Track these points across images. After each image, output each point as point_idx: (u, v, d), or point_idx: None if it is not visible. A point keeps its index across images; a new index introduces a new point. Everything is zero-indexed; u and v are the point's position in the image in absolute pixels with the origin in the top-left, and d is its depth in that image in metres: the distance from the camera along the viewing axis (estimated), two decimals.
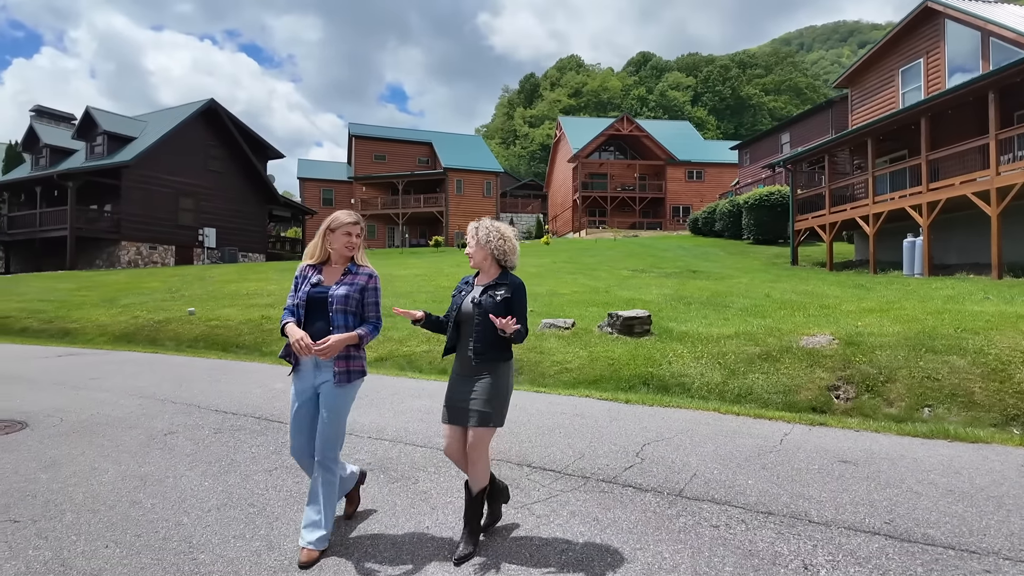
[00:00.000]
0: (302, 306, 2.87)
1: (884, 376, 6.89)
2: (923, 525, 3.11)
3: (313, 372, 2.89)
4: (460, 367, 2.94)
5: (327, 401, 2.85)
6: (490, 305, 2.85)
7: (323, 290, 2.88)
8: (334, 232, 2.95)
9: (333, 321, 2.84)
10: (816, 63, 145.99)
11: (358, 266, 3.00)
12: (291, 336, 2.77)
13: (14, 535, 3.03)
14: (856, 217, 17.39)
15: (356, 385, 2.95)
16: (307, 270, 2.97)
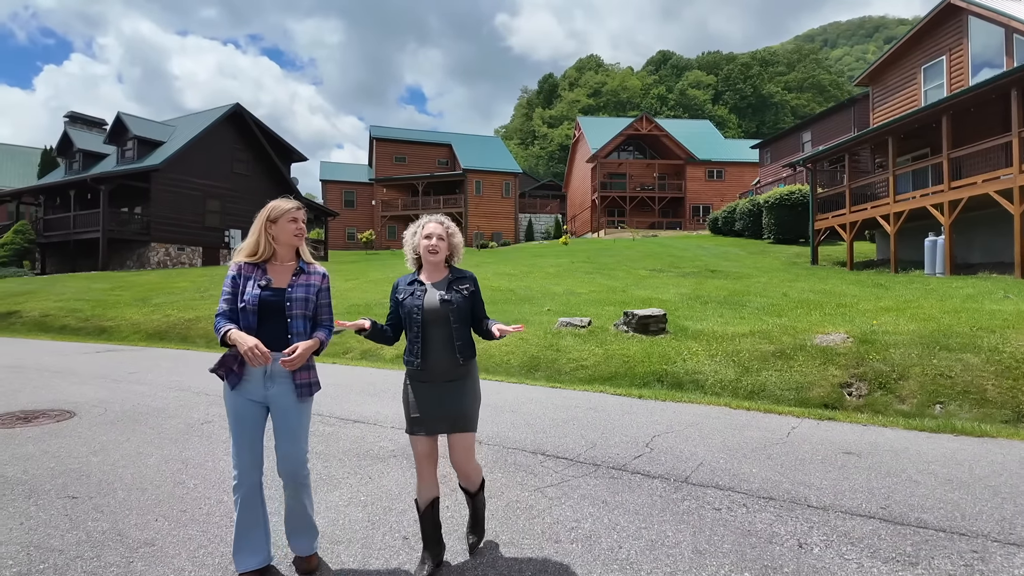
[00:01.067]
0: (253, 311, 2.49)
1: (897, 373, 6.97)
2: (917, 510, 3.27)
3: (262, 385, 2.53)
4: (431, 372, 2.67)
5: (289, 418, 2.55)
6: (461, 301, 2.70)
7: (276, 292, 2.55)
8: (276, 222, 2.62)
9: (292, 327, 2.55)
10: (840, 60, 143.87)
11: (308, 264, 2.71)
12: (242, 344, 2.38)
13: (73, 509, 3.34)
14: (877, 216, 17.27)
15: (313, 399, 2.70)
16: (248, 269, 2.58)
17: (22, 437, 4.72)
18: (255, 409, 2.55)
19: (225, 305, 2.55)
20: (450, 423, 2.67)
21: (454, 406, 2.67)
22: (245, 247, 2.64)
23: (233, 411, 2.54)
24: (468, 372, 2.72)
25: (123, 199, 28.27)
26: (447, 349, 2.66)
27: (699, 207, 46.44)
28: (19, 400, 6.01)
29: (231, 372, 2.52)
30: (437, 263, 2.77)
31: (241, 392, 2.53)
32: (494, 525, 3.12)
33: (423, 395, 2.68)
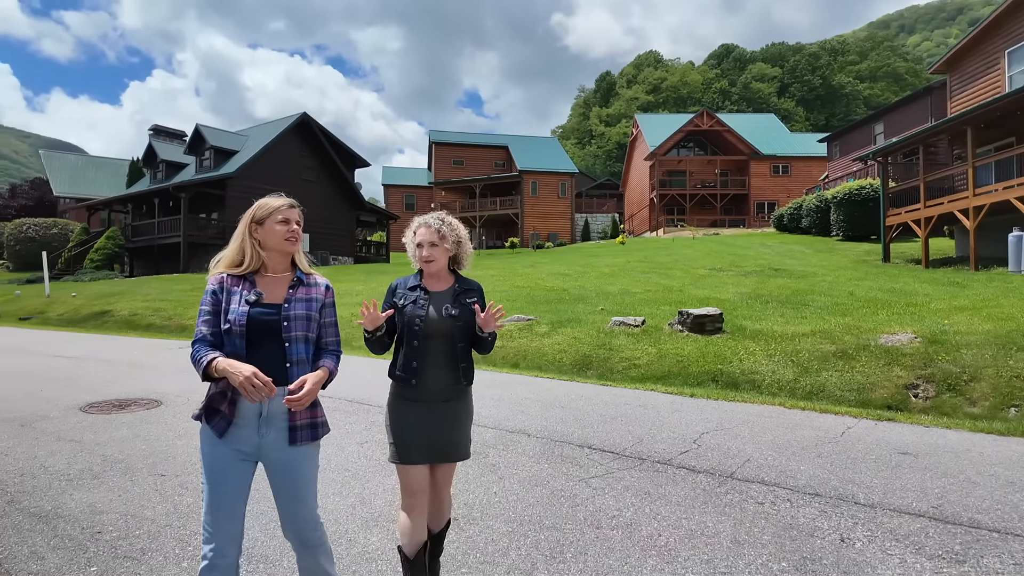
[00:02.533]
0: (240, 333, 1.95)
1: (968, 375, 6.68)
2: (971, 511, 3.20)
3: (255, 431, 1.97)
4: (426, 392, 2.32)
5: (293, 471, 2.01)
6: (468, 315, 2.37)
7: (270, 310, 2.01)
8: (262, 224, 2.08)
9: (291, 353, 2.00)
10: (919, 46, 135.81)
11: (308, 274, 2.17)
12: (234, 374, 1.83)
13: (162, 485, 3.73)
14: (955, 211, 16.32)
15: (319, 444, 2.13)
16: (231, 282, 2.04)
17: (117, 422, 5.24)
18: (242, 464, 1.98)
19: (204, 328, 1.99)
20: (443, 450, 2.34)
21: (449, 431, 2.35)
22: (226, 256, 2.11)
23: (212, 467, 1.96)
24: (466, 393, 2.43)
25: (201, 206, 30.06)
26: (448, 368, 2.34)
27: (764, 204, 44.96)
28: (113, 390, 6.63)
29: (217, 414, 1.95)
30: (436, 273, 2.43)
31: (227, 442, 1.95)
32: (538, 511, 3.28)
33: (416, 417, 2.32)
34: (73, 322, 15.63)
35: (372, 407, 5.77)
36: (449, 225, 2.44)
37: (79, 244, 31.68)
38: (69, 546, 2.92)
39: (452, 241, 2.42)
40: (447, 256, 2.43)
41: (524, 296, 13.90)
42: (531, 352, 9.41)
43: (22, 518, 3.24)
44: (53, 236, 35.49)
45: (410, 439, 2.31)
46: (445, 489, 2.46)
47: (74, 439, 4.69)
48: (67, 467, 4.05)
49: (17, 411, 5.60)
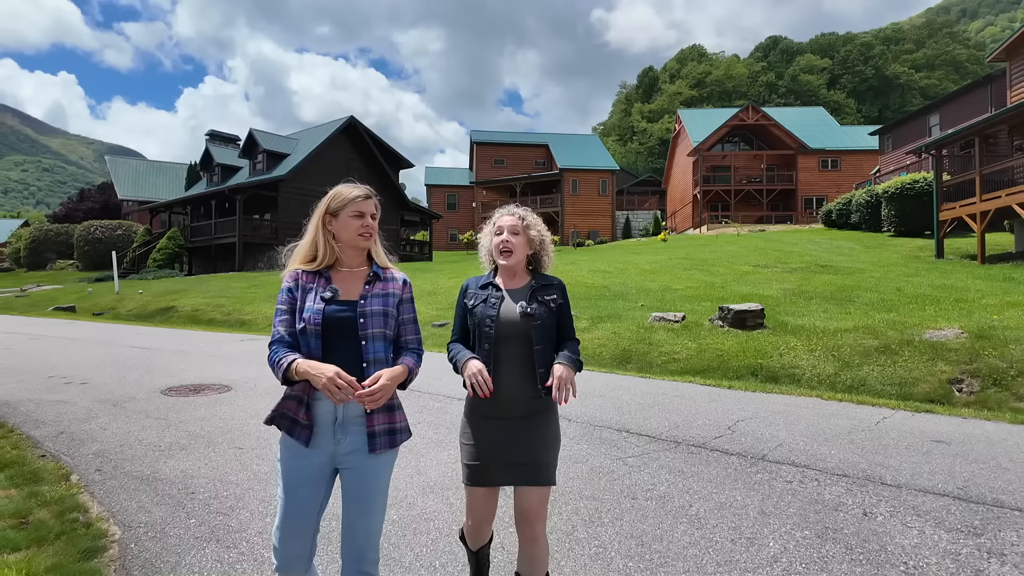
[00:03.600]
0: (315, 332, 1.85)
1: (1016, 370, 6.64)
2: (996, 492, 3.33)
3: (331, 436, 1.86)
4: (501, 405, 2.09)
5: (366, 480, 1.87)
6: (545, 315, 2.12)
7: (345, 307, 1.90)
8: (337, 216, 1.97)
9: (368, 352, 1.89)
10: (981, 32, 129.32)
11: (384, 268, 2.05)
12: (317, 376, 1.74)
13: (241, 456, 4.18)
14: (1013, 204, 15.74)
15: (397, 451, 1.98)
16: (305, 279, 1.95)
17: (196, 404, 5.78)
18: (321, 473, 1.86)
19: (282, 328, 1.89)
20: (520, 473, 2.07)
21: (527, 451, 2.07)
22: (300, 250, 2.01)
23: (290, 477, 1.85)
24: (548, 408, 2.13)
25: (255, 207, 31.36)
26: (524, 376, 2.08)
27: (812, 199, 43.83)
28: (188, 377, 7.23)
29: (295, 424, 1.85)
30: (513, 267, 2.20)
31: (304, 450, 1.84)
32: (577, 483, 3.57)
33: (488, 435, 2.09)
34: (141, 317, 16.70)
35: (423, 394, 6.15)
36: (534, 219, 2.25)
37: (142, 244, 33.48)
38: (169, 503, 3.38)
39: (535, 236, 2.21)
40: (526, 251, 2.20)
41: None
42: None
43: (127, 480, 3.73)
44: (118, 237, 37.57)
45: (483, 459, 2.07)
46: (537, 524, 2.05)
47: (160, 417, 5.24)
48: (158, 440, 4.56)
49: (109, 393, 6.21)
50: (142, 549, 2.85)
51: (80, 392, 6.26)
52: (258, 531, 3.01)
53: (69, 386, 6.58)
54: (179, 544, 2.89)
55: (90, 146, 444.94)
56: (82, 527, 3.01)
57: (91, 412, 5.40)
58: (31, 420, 5.11)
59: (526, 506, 2.07)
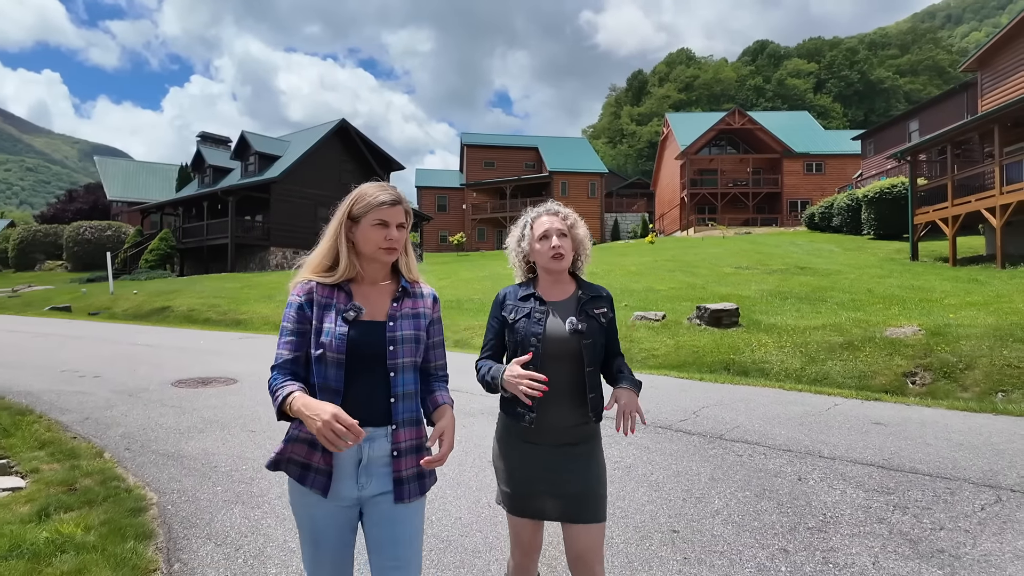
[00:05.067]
0: (337, 361, 1.56)
1: (964, 364, 7.21)
2: (915, 462, 3.87)
3: (355, 479, 1.59)
4: (544, 431, 1.87)
5: (396, 528, 1.62)
6: (596, 332, 1.90)
7: (371, 329, 1.61)
8: (357, 222, 1.64)
9: (397, 385, 1.61)
10: (966, 37, 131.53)
11: (413, 283, 1.75)
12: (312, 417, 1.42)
13: (254, 438, 4.64)
14: (982, 209, 16.45)
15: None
16: (324, 293, 1.63)
17: (205, 394, 6.22)
18: (348, 517, 1.62)
19: (286, 351, 1.59)
20: (571, 508, 1.84)
21: (578, 483, 1.85)
22: (314, 259, 1.68)
23: (312, 525, 1.61)
24: (595, 434, 1.93)
25: (247, 208, 31.65)
26: (573, 400, 1.87)
27: (796, 202, 44.69)
28: (193, 371, 7.65)
29: (308, 469, 1.58)
30: (557, 277, 1.97)
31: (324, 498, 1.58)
32: None
33: (531, 462, 1.87)
34: (137, 316, 17.03)
35: None
36: (574, 216, 2.00)
37: (134, 245, 33.66)
38: (195, 474, 3.84)
39: (582, 233, 2.00)
40: (573, 253, 1.97)
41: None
42: None
43: (155, 457, 4.18)
44: (107, 238, 37.67)
45: (524, 487, 1.87)
46: (596, 566, 1.85)
47: (175, 405, 5.68)
48: (176, 424, 5.01)
49: (122, 385, 6.64)
50: (178, 509, 3.31)
51: (96, 384, 6.68)
52: (277, 496, 3.48)
53: (83, 379, 6.99)
54: (210, 505, 3.36)
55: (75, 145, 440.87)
56: (124, 492, 3.47)
57: (110, 401, 5.84)
58: (56, 408, 5.54)
59: (582, 546, 1.83)
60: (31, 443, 4.32)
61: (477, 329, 11.13)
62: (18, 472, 3.83)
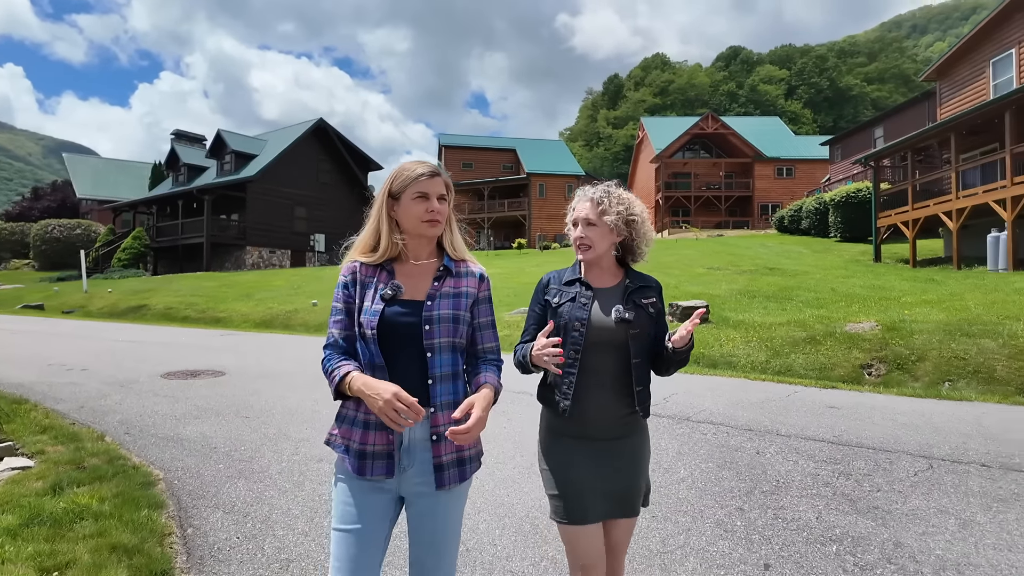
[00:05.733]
0: (372, 338, 1.56)
1: (916, 356, 7.71)
2: (861, 438, 4.26)
3: (395, 463, 1.57)
4: (586, 424, 1.78)
5: (434, 518, 1.59)
6: (645, 322, 1.81)
7: (408, 309, 1.59)
8: (398, 199, 1.65)
9: (435, 366, 1.58)
10: (931, 47, 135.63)
11: (459, 262, 1.72)
12: (374, 396, 1.45)
13: (249, 423, 4.86)
14: (939, 213, 17.25)
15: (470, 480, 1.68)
16: (368, 272, 1.65)
17: (196, 385, 6.39)
18: (388, 506, 1.59)
19: (336, 331, 1.62)
20: (617, 504, 1.78)
21: (626, 479, 1.78)
22: (360, 240, 1.70)
23: (347, 509, 1.56)
24: (641, 429, 1.85)
25: (223, 207, 31.42)
26: (618, 392, 1.78)
27: (767, 206, 45.80)
28: (181, 364, 7.79)
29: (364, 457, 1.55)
30: (597, 264, 1.88)
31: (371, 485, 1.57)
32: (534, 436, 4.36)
33: (578, 459, 1.77)
34: (113, 315, 16.91)
35: None
36: (616, 198, 1.84)
37: (106, 244, 33.15)
38: (196, 455, 4.06)
39: (618, 220, 1.82)
40: (611, 241, 1.85)
41: (530, 292, 14.98)
42: None
43: (155, 440, 4.39)
44: (77, 236, 36.99)
45: (580, 489, 1.74)
46: (622, 554, 1.86)
47: (168, 395, 5.85)
48: (171, 411, 5.20)
49: (112, 378, 6.77)
50: (185, 484, 3.54)
51: (85, 376, 6.80)
52: (277, 472, 3.73)
53: (71, 372, 7.10)
54: (214, 480, 3.59)
55: (39, 142, 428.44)
56: (131, 469, 3.69)
57: (102, 392, 5.98)
58: (50, 398, 5.67)
59: (617, 539, 1.81)
60: (32, 428, 4.48)
61: None
62: (24, 453, 4.01)
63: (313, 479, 3.61)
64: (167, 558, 2.65)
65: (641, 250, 1.89)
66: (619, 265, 1.92)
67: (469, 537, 2.85)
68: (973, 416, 4.94)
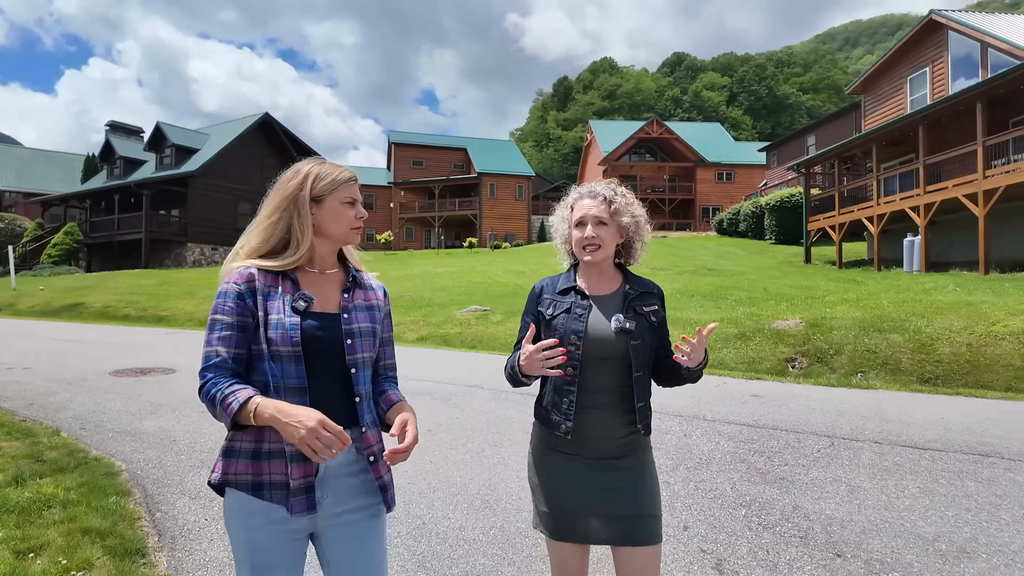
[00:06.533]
0: (293, 355, 1.36)
1: (834, 350, 8.41)
2: (776, 422, 4.78)
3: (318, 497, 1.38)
4: (586, 444, 1.68)
5: (365, 548, 1.45)
6: (646, 332, 1.71)
7: (320, 322, 1.42)
8: (321, 203, 1.49)
9: (359, 382, 1.45)
10: (861, 59, 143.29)
11: (360, 271, 1.60)
12: (294, 425, 1.23)
13: (206, 418, 4.95)
14: (863, 218, 18.53)
15: None
16: (266, 281, 1.42)
17: (147, 383, 6.41)
18: (301, 541, 1.42)
19: (223, 349, 1.35)
20: (624, 530, 1.64)
21: (631, 502, 1.66)
22: (252, 243, 1.49)
23: (261, 553, 1.36)
24: (644, 448, 1.76)
25: (162, 203, 30.37)
26: (617, 407, 1.69)
27: (709, 209, 47.61)
28: (128, 362, 7.72)
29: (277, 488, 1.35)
30: (598, 268, 1.77)
31: (274, 514, 1.35)
32: (485, 424, 4.68)
33: (572, 477, 1.68)
34: (46, 313, 16.23)
35: None
36: (624, 197, 1.77)
37: (34, 239, 31.48)
38: (156, 447, 4.19)
39: (628, 221, 1.74)
40: (617, 242, 1.75)
41: (481, 291, 15.33)
42: (487, 337, 10.83)
43: (113, 434, 4.47)
44: (1, 231, 34.95)
45: (565, 505, 1.67)
46: None
47: (120, 392, 5.87)
48: (126, 407, 5.25)
49: (58, 376, 6.69)
50: (148, 473, 3.69)
51: (29, 375, 6.69)
52: None
53: (13, 371, 6.96)
54: (177, 470, 3.75)
55: None
56: (92, 461, 3.79)
57: (50, 389, 5.94)
58: None
59: (637, 570, 1.63)
60: None
61: (408, 324, 11.60)
62: None
63: None
64: (140, 539, 2.83)
65: (639, 253, 1.81)
66: (617, 269, 1.80)
67: (425, 512, 3.14)
68: (875, 402, 5.56)
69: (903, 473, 3.64)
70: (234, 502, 1.36)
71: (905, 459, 3.89)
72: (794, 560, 2.64)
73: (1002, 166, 14.30)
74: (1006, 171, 13.69)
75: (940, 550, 2.70)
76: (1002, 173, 13.74)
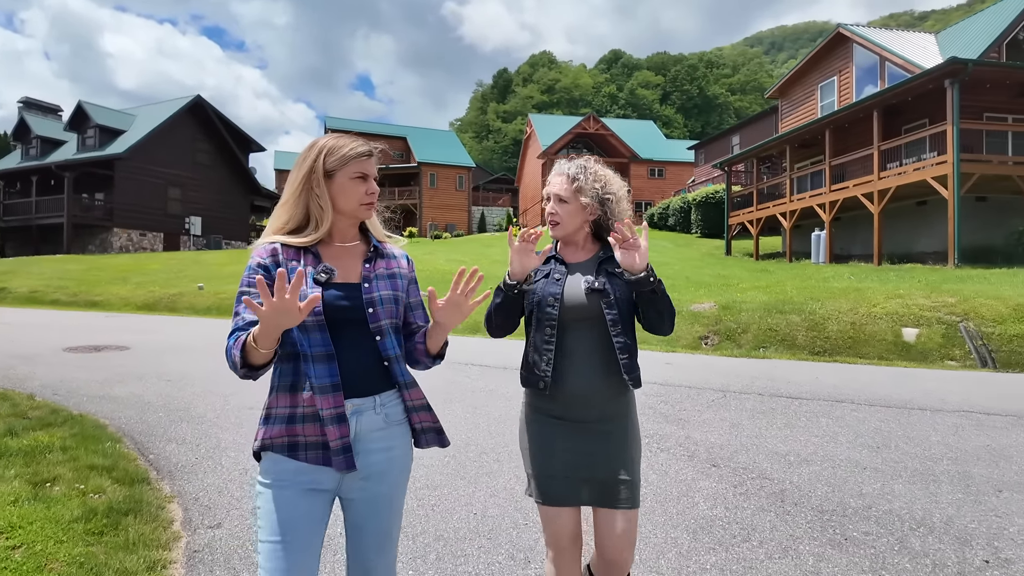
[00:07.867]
0: (319, 324, 1.42)
1: (741, 329, 9.48)
2: (685, 382, 5.65)
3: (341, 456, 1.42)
4: (567, 404, 1.71)
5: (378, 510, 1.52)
6: (620, 290, 1.71)
7: (347, 291, 1.48)
8: (332, 177, 1.51)
9: (386, 347, 1.49)
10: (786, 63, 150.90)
11: (382, 242, 1.64)
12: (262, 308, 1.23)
13: (174, 384, 5.36)
14: (777, 214, 20.17)
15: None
16: (288, 255, 1.48)
17: (103, 358, 6.64)
18: (321, 508, 1.46)
19: (248, 316, 1.40)
20: (601, 492, 1.70)
21: (608, 465, 1.69)
22: (276, 221, 1.54)
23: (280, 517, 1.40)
24: (627, 409, 1.78)
25: (86, 186, 29.00)
26: (598, 368, 1.71)
27: (641, 203, 49.56)
28: (80, 340, 7.84)
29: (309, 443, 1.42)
30: (572, 240, 1.84)
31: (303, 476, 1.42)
32: (449, 393, 5.31)
33: (559, 440, 1.71)
34: None
35: None
36: (593, 175, 1.80)
37: None
38: (134, 408, 4.58)
39: (594, 198, 1.78)
40: (584, 219, 1.80)
41: (423, 279, 15.81)
42: None
43: (88, 398, 4.82)
44: None
45: (553, 469, 1.71)
46: (625, 551, 1.71)
47: (81, 366, 6.12)
48: (92, 377, 5.55)
49: (10, 352, 6.80)
50: (133, 427, 4.11)
51: None
52: (215, 417, 4.38)
53: None
54: (159, 424, 4.19)
55: None
56: (78, 416, 4.18)
57: (7, 364, 6.11)
58: None
59: (614, 536, 1.68)
60: None
61: None
62: None
63: (250, 422, 4.31)
64: (142, 471, 3.31)
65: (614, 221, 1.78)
66: (595, 240, 1.85)
67: None
68: (767, 368, 6.55)
69: (775, 414, 4.54)
70: (268, 464, 1.42)
71: (779, 405, 4.80)
72: (680, 471, 3.43)
73: (895, 168, 16.04)
74: (898, 173, 15.38)
75: (789, 460, 3.56)
76: (894, 175, 15.43)
